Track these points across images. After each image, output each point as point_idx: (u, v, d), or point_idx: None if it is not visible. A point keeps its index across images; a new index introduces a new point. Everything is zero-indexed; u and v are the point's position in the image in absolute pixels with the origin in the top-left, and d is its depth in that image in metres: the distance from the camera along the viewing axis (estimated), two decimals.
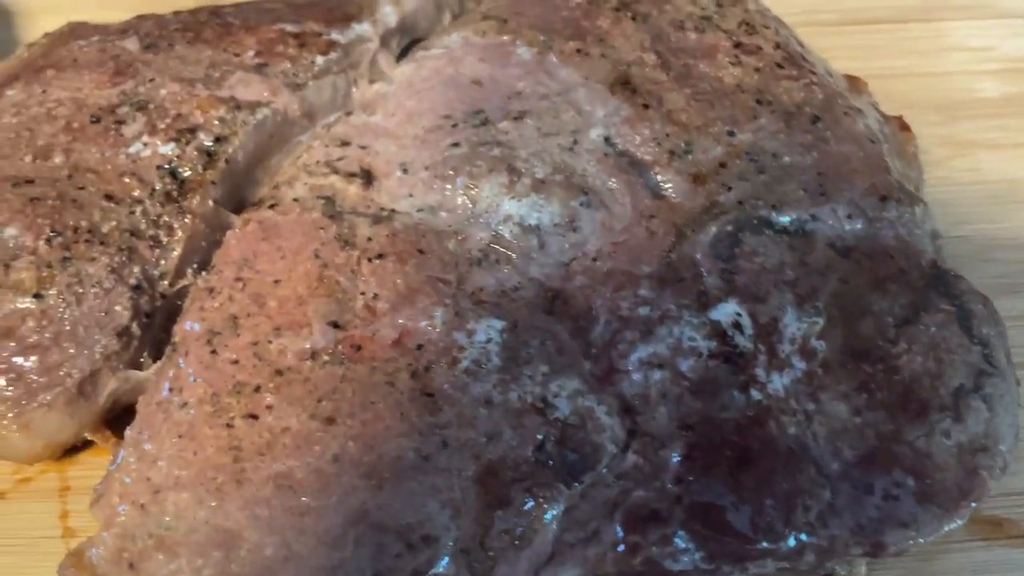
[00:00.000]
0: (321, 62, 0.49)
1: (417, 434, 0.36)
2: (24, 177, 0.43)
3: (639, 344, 0.38)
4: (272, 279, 0.40)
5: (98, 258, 0.41)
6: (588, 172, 0.42)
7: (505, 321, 0.39)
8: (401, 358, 0.38)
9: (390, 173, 0.44)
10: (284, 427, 0.36)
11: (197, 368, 0.38)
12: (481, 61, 0.48)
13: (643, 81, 0.45)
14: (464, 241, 0.41)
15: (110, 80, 0.47)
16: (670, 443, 0.35)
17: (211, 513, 0.35)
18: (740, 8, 0.50)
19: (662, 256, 0.40)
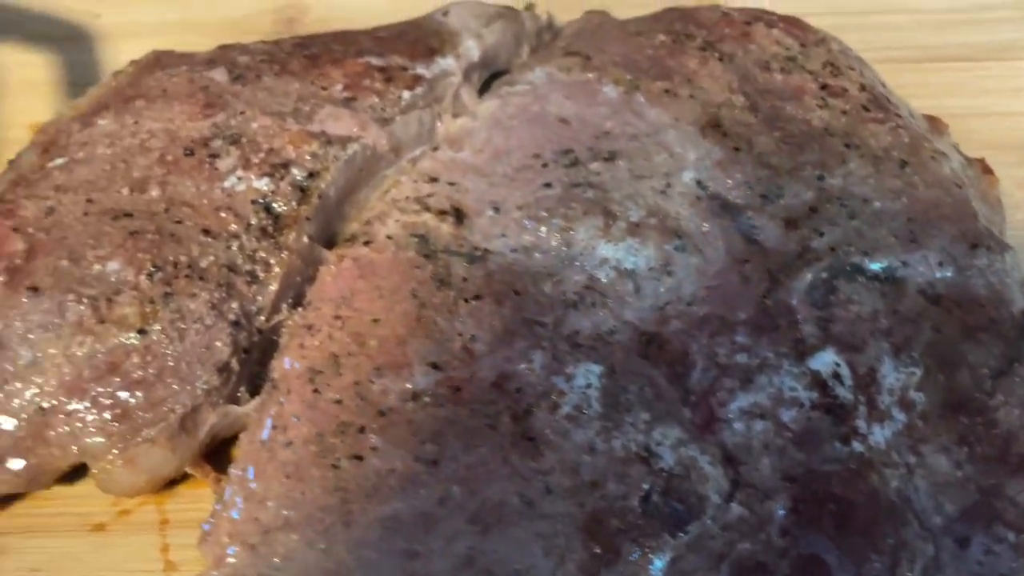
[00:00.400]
0: (408, 97, 0.49)
1: (520, 479, 0.36)
2: (123, 210, 0.43)
3: (739, 392, 0.38)
4: (371, 318, 0.41)
5: (198, 294, 0.41)
6: (681, 216, 0.42)
7: (603, 365, 0.39)
8: (501, 401, 0.38)
9: (481, 212, 0.44)
10: (389, 469, 0.37)
11: (300, 407, 0.39)
12: (567, 99, 0.48)
13: (733, 124, 0.45)
14: (559, 283, 0.41)
15: (201, 112, 0.48)
16: (774, 495, 0.36)
17: (321, 556, 0.35)
18: (824, 48, 0.50)
19: (757, 302, 0.41)
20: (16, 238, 0.42)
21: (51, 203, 0.44)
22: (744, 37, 0.49)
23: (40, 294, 0.40)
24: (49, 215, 0.43)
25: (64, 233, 0.42)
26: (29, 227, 0.42)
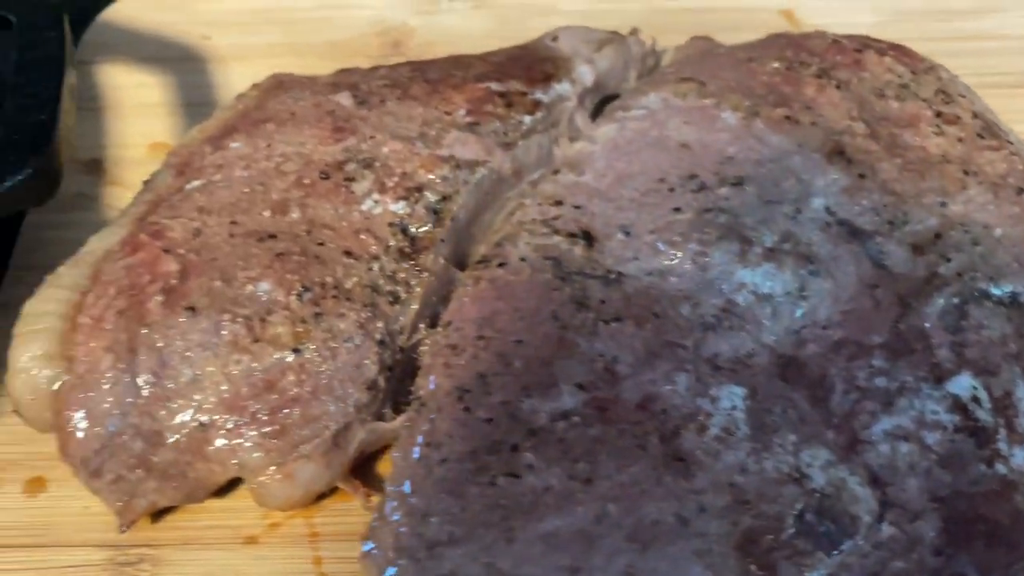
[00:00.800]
0: (528, 121, 0.51)
1: (674, 498, 0.38)
2: (267, 232, 0.45)
3: (881, 415, 0.39)
4: (514, 339, 0.42)
5: (346, 314, 0.43)
6: (813, 241, 0.44)
7: (745, 388, 0.40)
8: (648, 422, 0.39)
9: (611, 235, 0.45)
10: (545, 487, 0.38)
11: (452, 425, 0.40)
12: (686, 124, 0.49)
13: (856, 151, 0.46)
14: (697, 306, 0.42)
15: (331, 136, 0.49)
16: (923, 515, 0.37)
17: (485, 570, 0.36)
18: (934, 76, 0.51)
19: (891, 327, 0.42)
20: (169, 259, 0.43)
21: (197, 224, 0.45)
22: (856, 64, 0.51)
23: (197, 314, 0.41)
24: (196, 236, 0.44)
25: (213, 254, 0.44)
26: (179, 248, 0.44)
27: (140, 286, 0.42)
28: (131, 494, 0.40)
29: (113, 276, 0.43)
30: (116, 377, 0.40)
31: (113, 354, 0.40)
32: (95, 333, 0.41)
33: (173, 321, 0.41)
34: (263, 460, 0.40)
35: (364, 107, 0.51)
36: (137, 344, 0.41)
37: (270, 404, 0.41)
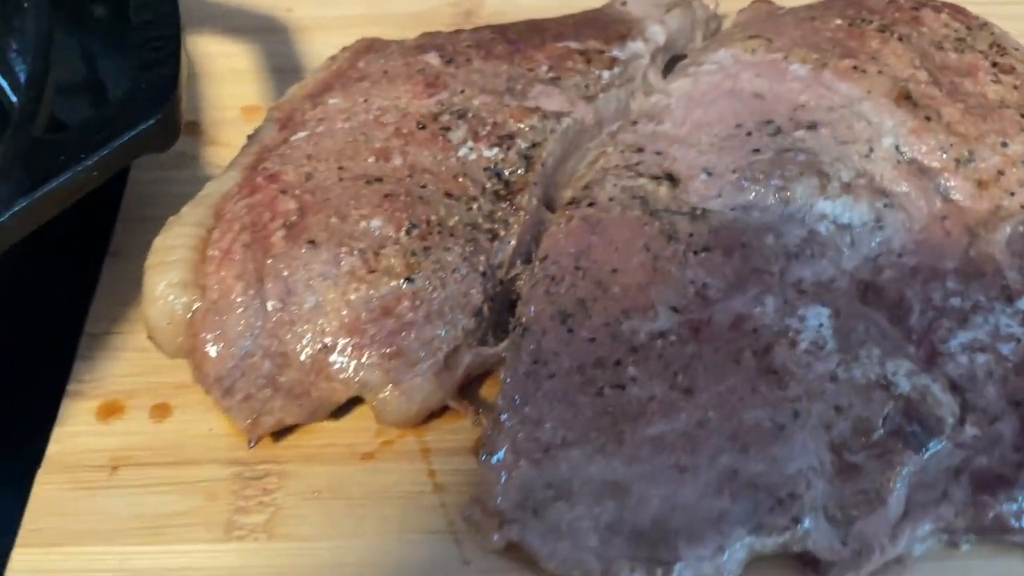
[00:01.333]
0: (607, 76, 0.54)
1: (770, 406, 0.41)
2: (373, 175, 0.48)
3: (958, 331, 0.42)
4: (610, 268, 0.45)
5: (452, 248, 0.46)
6: (885, 177, 0.47)
7: (829, 308, 0.43)
8: (740, 340, 0.43)
9: (694, 176, 0.49)
10: (649, 396, 0.41)
11: (557, 344, 0.43)
12: (757, 76, 0.52)
13: (921, 96, 0.49)
14: (780, 237, 0.45)
15: (424, 91, 0.52)
16: (1002, 417, 0.40)
17: (600, 469, 0.39)
18: (987, 31, 0.54)
19: (962, 253, 0.45)
20: (286, 199, 0.47)
21: (307, 169, 0.48)
22: (915, 20, 0.54)
23: (317, 247, 0.45)
24: (308, 180, 0.48)
25: (326, 195, 0.47)
26: (295, 189, 0.47)
27: (262, 223, 0.46)
28: (259, 412, 0.44)
29: (236, 214, 0.46)
30: (246, 303, 0.44)
31: (243, 282, 0.44)
32: (224, 264, 0.44)
33: (296, 253, 0.45)
34: (382, 379, 0.43)
35: (452, 65, 0.54)
36: (264, 273, 0.44)
37: (387, 328, 0.44)
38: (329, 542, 0.42)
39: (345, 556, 0.41)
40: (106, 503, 0.43)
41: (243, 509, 0.43)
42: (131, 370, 0.48)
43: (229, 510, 0.43)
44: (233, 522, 0.43)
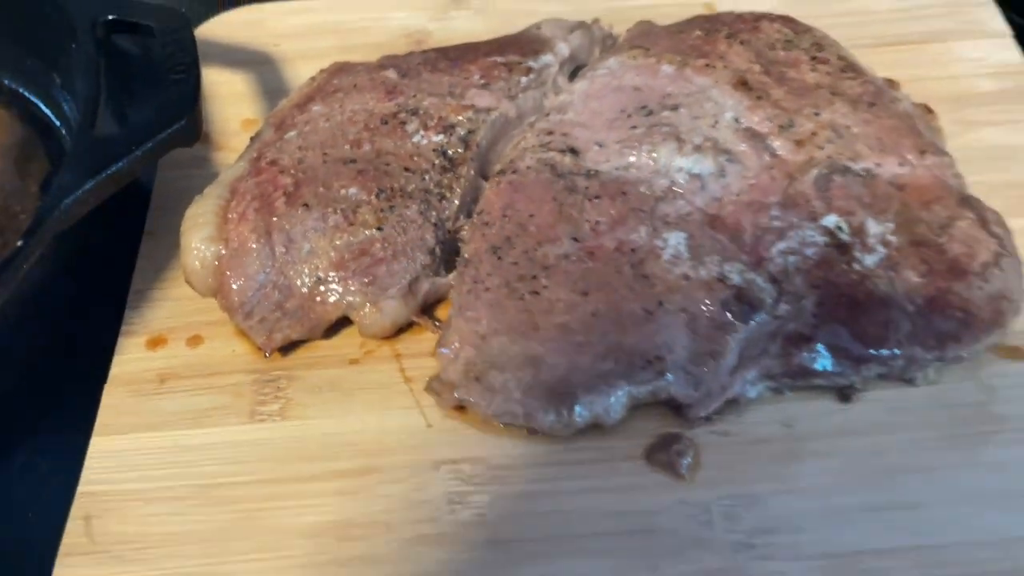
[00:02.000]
0: (524, 81, 0.70)
1: (642, 299, 0.56)
2: (350, 158, 0.63)
3: (777, 242, 0.58)
4: (528, 214, 0.60)
5: (410, 206, 0.61)
6: (727, 140, 0.63)
7: (685, 233, 0.59)
8: (622, 258, 0.58)
9: (589, 148, 0.65)
10: (557, 298, 0.56)
11: (490, 268, 0.58)
12: (637, 75, 0.69)
13: (755, 82, 0.66)
14: (651, 186, 0.61)
15: (386, 97, 0.68)
16: (806, 295, 0.56)
17: (521, 348, 0.54)
18: (810, 35, 0.71)
19: (782, 191, 0.61)
20: (284, 176, 0.62)
21: (299, 156, 0.64)
22: (755, 29, 0.71)
23: (310, 208, 0.60)
24: (300, 163, 0.63)
25: (314, 173, 0.62)
26: (291, 170, 0.62)
27: (267, 193, 0.61)
28: (271, 330, 0.58)
29: (247, 189, 0.61)
30: (259, 250, 0.59)
31: (255, 235, 0.59)
32: (241, 223, 0.59)
33: (294, 213, 0.60)
34: (363, 301, 0.58)
35: (406, 78, 0.70)
36: (271, 228, 0.59)
37: (364, 264, 0.59)
38: (327, 420, 0.57)
39: (340, 427, 0.56)
40: (157, 404, 0.58)
41: (262, 402, 0.57)
42: (169, 313, 0.63)
43: (251, 403, 0.57)
44: (255, 411, 0.57)
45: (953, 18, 0.80)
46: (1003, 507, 0.50)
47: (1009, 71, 0.75)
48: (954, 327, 0.55)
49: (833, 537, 0.49)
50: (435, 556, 0.50)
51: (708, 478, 0.52)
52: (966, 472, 0.52)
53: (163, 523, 0.52)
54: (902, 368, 0.55)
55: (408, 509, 0.52)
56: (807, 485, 0.52)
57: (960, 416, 0.55)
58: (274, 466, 0.54)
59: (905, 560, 0.48)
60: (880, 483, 0.52)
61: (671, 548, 0.49)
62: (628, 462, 0.53)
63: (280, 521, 0.52)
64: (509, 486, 0.53)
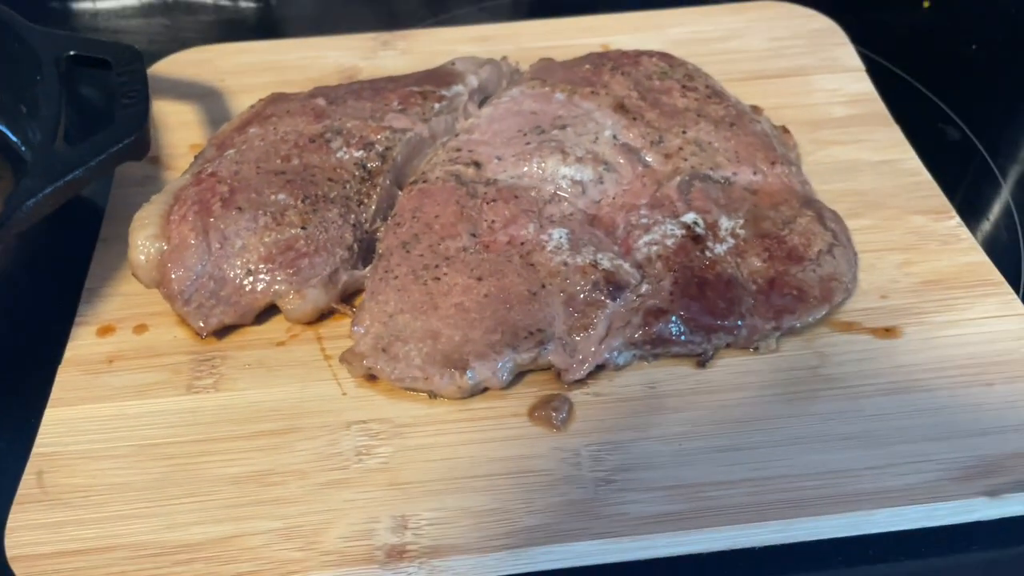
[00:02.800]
0: (437, 107, 0.80)
1: (527, 282, 0.65)
2: (280, 171, 0.73)
3: (643, 235, 0.68)
4: (434, 215, 0.70)
5: (332, 209, 0.70)
6: (606, 153, 0.74)
7: (567, 229, 0.69)
8: (512, 250, 0.68)
9: (490, 161, 0.75)
10: (455, 283, 0.65)
11: (399, 260, 0.67)
12: (534, 102, 0.80)
13: (632, 106, 0.77)
14: (539, 191, 0.71)
15: (314, 120, 0.78)
16: (664, 277, 0.65)
17: (423, 323, 0.63)
18: (683, 68, 0.83)
19: (651, 195, 0.71)
20: (221, 185, 0.71)
21: (235, 169, 0.73)
22: (636, 63, 0.82)
23: (243, 211, 0.69)
24: (236, 175, 0.72)
25: (248, 183, 0.71)
26: (227, 180, 0.71)
27: (206, 199, 0.70)
28: (207, 316, 0.67)
29: (188, 195, 0.70)
30: (197, 245, 0.67)
31: (194, 233, 0.68)
32: (182, 223, 0.68)
33: (229, 215, 0.69)
34: (288, 289, 0.67)
35: (333, 105, 0.80)
36: (208, 227, 0.68)
37: (290, 257, 0.68)
38: (255, 391, 0.65)
39: (265, 397, 0.64)
40: (105, 380, 0.65)
41: (198, 377, 0.66)
42: (118, 306, 0.71)
43: (189, 378, 0.65)
44: (191, 385, 0.65)
45: (814, 55, 0.93)
46: (824, 448, 0.60)
47: (860, 99, 0.88)
48: (789, 302, 0.66)
49: (680, 473, 0.58)
50: (342, 496, 0.58)
51: (580, 429, 0.61)
52: (796, 421, 0.62)
53: (107, 476, 0.59)
54: (746, 337, 0.65)
55: (321, 460, 0.60)
56: (662, 433, 0.61)
57: (795, 378, 0.65)
58: (206, 428, 0.62)
59: (740, 489, 0.57)
60: (724, 430, 0.61)
61: (544, 484, 0.58)
62: (513, 419, 0.62)
63: (209, 472, 0.59)
64: (410, 439, 0.61)
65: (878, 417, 0.62)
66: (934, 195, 0.78)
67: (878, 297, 0.70)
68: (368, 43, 0.95)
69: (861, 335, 0.67)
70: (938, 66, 1.00)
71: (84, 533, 0.56)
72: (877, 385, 0.64)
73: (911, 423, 0.62)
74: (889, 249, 0.73)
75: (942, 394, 0.63)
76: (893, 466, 0.59)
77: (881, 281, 0.71)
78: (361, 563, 0.54)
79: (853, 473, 0.58)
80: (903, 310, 0.69)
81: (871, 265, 0.72)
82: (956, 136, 0.91)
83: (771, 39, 0.94)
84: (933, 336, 0.67)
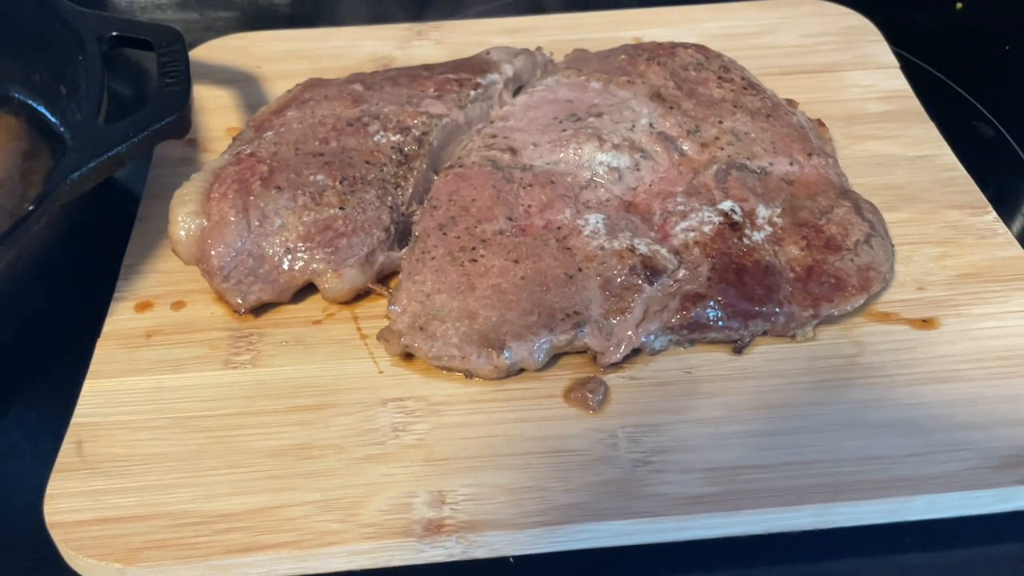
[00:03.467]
0: (473, 94, 0.81)
1: (564, 266, 0.66)
2: (318, 152, 0.73)
3: (680, 222, 0.68)
4: (471, 199, 0.70)
5: (369, 191, 0.71)
6: (642, 141, 0.74)
7: (604, 215, 0.69)
8: (549, 234, 0.68)
9: (526, 147, 0.75)
10: (492, 264, 0.66)
11: (436, 241, 0.68)
12: (569, 90, 0.80)
13: (668, 95, 0.77)
14: (576, 177, 0.72)
15: (352, 105, 0.78)
16: (702, 263, 0.65)
17: (460, 303, 0.64)
18: (719, 60, 0.83)
19: (688, 183, 0.71)
20: (260, 165, 0.71)
21: (274, 150, 0.73)
22: (671, 54, 0.83)
23: (282, 190, 0.69)
24: (275, 155, 0.73)
25: (287, 163, 0.72)
26: (267, 160, 0.72)
27: (245, 178, 0.70)
28: (246, 293, 0.67)
29: (228, 174, 0.71)
30: (236, 223, 0.68)
31: (234, 210, 0.68)
32: (222, 201, 0.69)
33: (268, 194, 0.69)
34: (325, 268, 0.67)
35: (370, 90, 0.80)
36: (248, 205, 0.68)
37: (328, 237, 0.68)
38: (292, 367, 0.65)
39: (302, 373, 0.65)
40: (143, 354, 0.66)
41: (235, 353, 0.66)
42: (157, 283, 0.71)
43: (226, 354, 0.66)
44: (229, 360, 0.65)
45: (849, 52, 0.93)
46: (862, 435, 0.60)
47: (895, 96, 0.88)
48: (827, 290, 0.65)
49: (717, 456, 0.58)
50: (379, 471, 0.58)
51: (616, 411, 0.61)
52: (834, 408, 0.61)
53: (145, 446, 0.60)
54: (784, 325, 0.65)
55: (358, 435, 0.60)
56: (699, 417, 0.61)
57: (833, 365, 0.64)
58: (243, 402, 0.62)
59: (777, 472, 0.57)
60: (760, 416, 0.61)
61: (580, 463, 0.58)
62: (549, 399, 0.62)
63: (247, 444, 0.60)
64: (446, 417, 0.61)
65: (916, 405, 0.62)
66: (970, 190, 0.78)
67: (915, 289, 0.70)
68: (402, 33, 0.96)
69: (898, 325, 0.67)
70: (971, 65, 1.00)
71: (123, 501, 0.57)
72: (915, 374, 0.63)
73: (949, 412, 0.61)
74: (925, 242, 0.73)
75: (980, 384, 0.63)
76: (932, 453, 0.59)
77: (918, 273, 0.71)
78: (400, 536, 0.54)
79: (892, 460, 0.58)
80: (940, 302, 0.69)
81: (907, 257, 0.72)
82: (990, 134, 0.91)
83: (804, 35, 0.94)
84: (971, 328, 0.67)
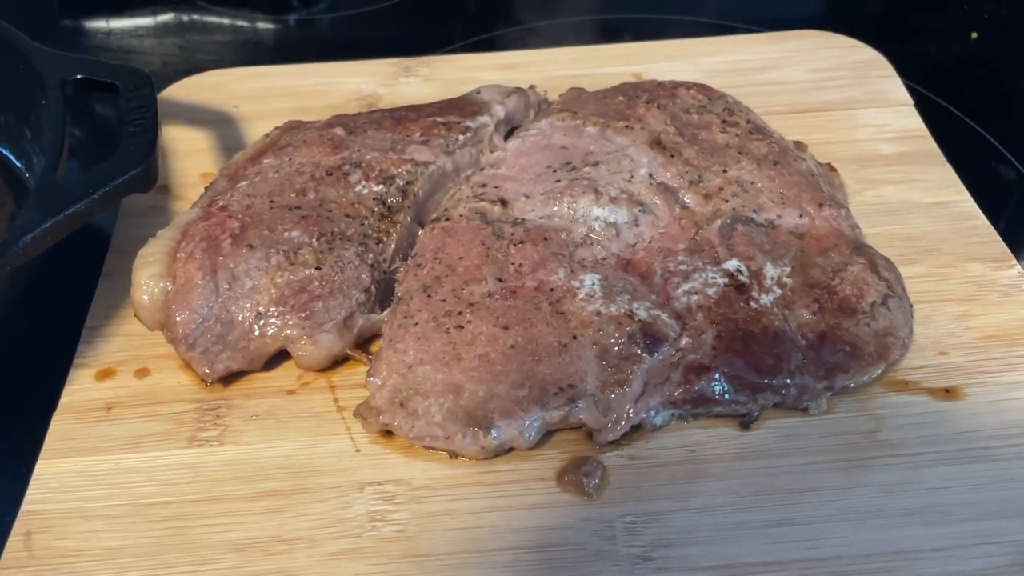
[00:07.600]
0: (461, 139, 0.76)
1: (557, 333, 0.61)
2: (295, 205, 0.69)
3: (683, 283, 0.63)
4: (457, 256, 0.65)
5: (349, 248, 0.66)
6: (641, 193, 0.69)
7: (600, 275, 0.64)
8: (541, 296, 0.63)
9: (517, 199, 0.70)
10: (480, 331, 0.61)
11: (420, 304, 0.63)
12: (564, 135, 0.75)
13: (669, 142, 0.73)
14: (570, 233, 0.67)
15: (332, 151, 0.74)
16: (706, 330, 0.60)
17: (444, 376, 0.59)
18: (723, 101, 0.78)
19: (690, 239, 0.67)
20: (232, 220, 0.67)
21: (247, 203, 0.69)
22: (672, 95, 0.78)
23: (254, 249, 0.64)
24: (248, 209, 0.68)
25: (261, 218, 0.67)
26: (239, 215, 0.67)
27: (215, 235, 0.66)
28: (213, 361, 0.62)
29: (196, 231, 0.66)
30: (204, 286, 0.63)
31: (201, 272, 0.63)
32: (188, 261, 0.64)
33: (239, 253, 0.64)
34: (300, 334, 0.62)
35: (352, 135, 0.76)
36: (216, 266, 0.64)
37: (303, 300, 0.63)
38: (263, 445, 0.60)
39: (273, 452, 0.60)
40: (103, 430, 0.61)
41: (201, 428, 0.61)
42: (120, 347, 0.67)
43: (191, 429, 0.61)
44: (194, 437, 0.61)
45: (859, 88, 0.88)
46: (883, 524, 0.54)
47: (909, 136, 0.83)
48: (842, 359, 0.61)
49: (726, 550, 0.53)
50: (354, 569, 0.53)
51: (613, 497, 0.56)
52: (852, 493, 0.56)
53: (100, 539, 0.55)
54: (795, 397, 0.60)
55: (331, 526, 0.55)
56: (704, 504, 0.56)
57: (849, 443, 0.59)
58: (208, 486, 0.57)
59: (792, 571, 0.52)
60: (772, 502, 0.56)
61: (574, 561, 0.53)
62: (540, 482, 0.57)
63: (210, 537, 0.55)
64: (428, 505, 0.56)
65: (941, 490, 0.56)
66: (992, 240, 0.73)
67: (936, 353, 0.65)
68: (389, 69, 0.91)
69: (919, 396, 0.62)
70: (988, 100, 0.95)
71: None
72: (939, 453, 0.58)
73: (977, 497, 0.56)
74: (946, 300, 0.68)
75: (1010, 464, 0.58)
76: (959, 547, 0.53)
77: (939, 335, 0.66)
78: None
79: (915, 555, 0.53)
80: (964, 368, 0.64)
81: (927, 317, 0.67)
82: (1011, 176, 0.86)
83: (812, 70, 0.90)
84: (997, 399, 0.62)
